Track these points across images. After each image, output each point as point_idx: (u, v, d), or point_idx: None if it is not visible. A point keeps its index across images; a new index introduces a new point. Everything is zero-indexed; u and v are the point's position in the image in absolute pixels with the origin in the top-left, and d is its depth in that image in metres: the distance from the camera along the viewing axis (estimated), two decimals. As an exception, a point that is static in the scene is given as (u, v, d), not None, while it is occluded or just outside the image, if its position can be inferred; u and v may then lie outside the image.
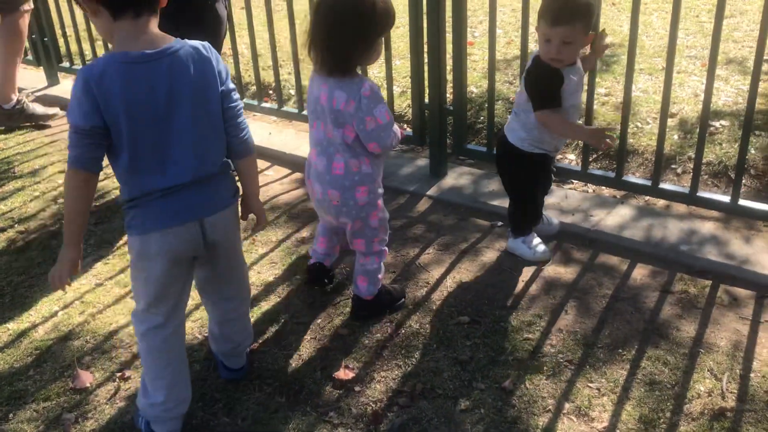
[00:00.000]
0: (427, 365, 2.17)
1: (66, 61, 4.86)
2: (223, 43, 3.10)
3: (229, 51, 4.13)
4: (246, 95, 4.30)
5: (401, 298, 2.45)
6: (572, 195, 3.06)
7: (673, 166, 3.25)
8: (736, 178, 2.72)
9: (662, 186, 2.86)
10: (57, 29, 4.74)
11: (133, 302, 2.51)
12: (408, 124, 3.73)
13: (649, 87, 3.94)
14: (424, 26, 3.12)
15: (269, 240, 2.89)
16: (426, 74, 3.23)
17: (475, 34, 5.19)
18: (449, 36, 3.11)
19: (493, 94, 3.15)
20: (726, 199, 2.74)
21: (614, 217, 2.89)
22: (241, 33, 4.64)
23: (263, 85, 4.19)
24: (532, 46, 3.18)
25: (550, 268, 2.62)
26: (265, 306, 2.48)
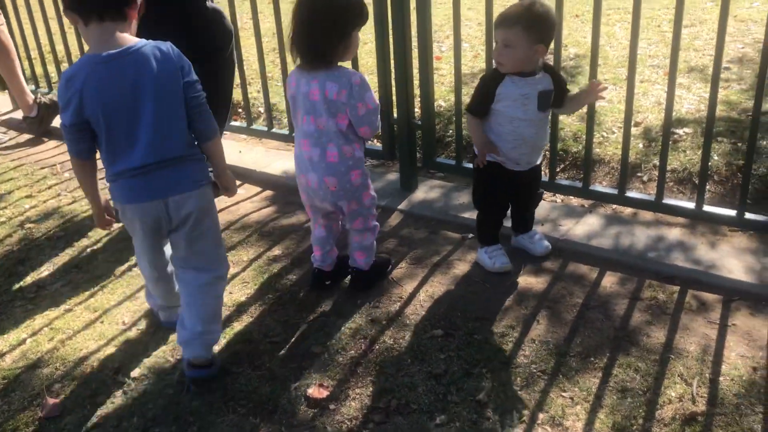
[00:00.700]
0: (402, 380, 2.17)
1: (31, 83, 4.81)
2: (227, 49, 3.09)
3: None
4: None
5: (389, 264, 2.74)
6: (541, 205, 3.09)
7: (639, 174, 3.30)
8: (699, 184, 2.77)
9: (629, 194, 2.91)
10: (21, 51, 4.69)
11: (102, 326, 2.50)
12: (377, 138, 3.74)
13: (613, 97, 4.00)
14: (390, 42, 3.14)
15: (240, 259, 2.87)
16: (393, 89, 3.25)
17: (443, 48, 5.24)
18: (416, 51, 3.14)
19: (460, 107, 3.17)
20: (691, 205, 2.79)
21: (583, 226, 2.93)
22: (209, 52, 4.63)
23: (232, 103, 4.18)
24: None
25: (521, 278, 2.64)
26: (237, 326, 2.47)
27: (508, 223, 2.81)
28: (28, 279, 2.84)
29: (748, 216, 2.70)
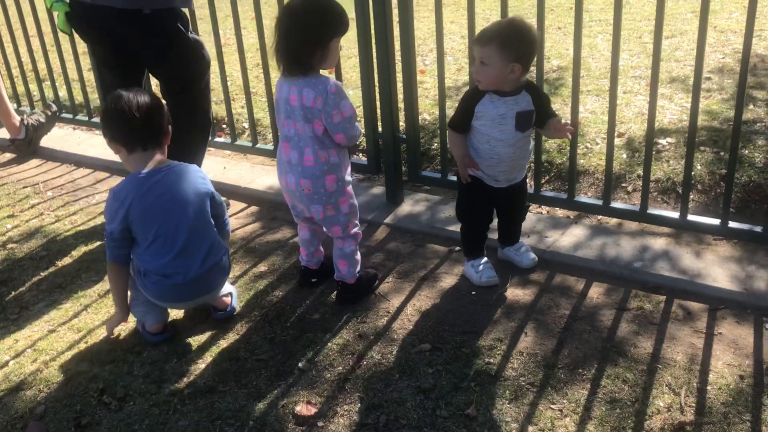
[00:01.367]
0: (391, 396, 2.15)
1: (13, 102, 4.78)
2: (203, 79, 3.10)
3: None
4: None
5: (376, 279, 2.73)
6: (527, 217, 3.09)
7: (623, 185, 3.32)
8: (683, 194, 2.78)
9: (613, 205, 2.92)
10: (3, 70, 4.67)
11: (86, 346, 2.47)
12: (363, 153, 3.74)
13: (596, 108, 4.03)
14: (374, 56, 3.15)
15: (226, 276, 2.85)
16: (378, 103, 3.26)
17: (426, 62, 5.26)
18: (399, 65, 3.15)
19: (444, 120, 3.18)
20: (675, 215, 2.80)
21: (568, 238, 2.94)
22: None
23: (216, 119, 4.18)
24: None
25: (508, 290, 2.64)
26: (223, 344, 2.45)
27: (494, 236, 2.81)
28: (11, 299, 2.80)
29: (732, 225, 2.71)
